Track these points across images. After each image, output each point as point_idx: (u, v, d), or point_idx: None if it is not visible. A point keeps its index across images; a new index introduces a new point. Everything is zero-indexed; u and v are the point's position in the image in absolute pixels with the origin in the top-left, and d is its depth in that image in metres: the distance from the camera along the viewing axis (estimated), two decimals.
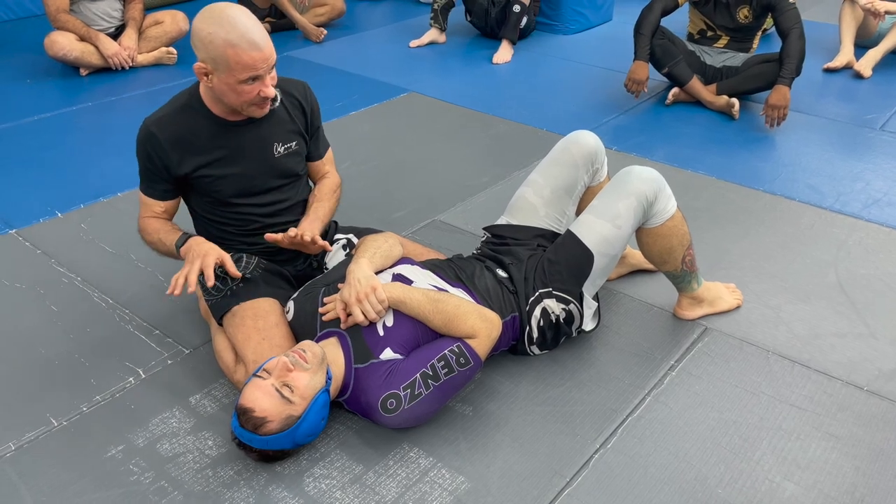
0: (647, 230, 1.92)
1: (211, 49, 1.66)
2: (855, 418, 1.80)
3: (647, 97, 3.77)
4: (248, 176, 1.90)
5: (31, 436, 1.74)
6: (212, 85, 1.73)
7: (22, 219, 2.64)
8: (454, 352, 1.67)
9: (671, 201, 1.91)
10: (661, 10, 3.42)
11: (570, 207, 2.07)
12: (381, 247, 1.88)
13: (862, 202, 2.78)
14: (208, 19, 1.66)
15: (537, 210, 2.04)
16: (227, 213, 1.95)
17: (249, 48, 1.66)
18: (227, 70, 1.68)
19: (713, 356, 1.99)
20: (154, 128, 1.82)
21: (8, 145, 3.22)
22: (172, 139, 1.82)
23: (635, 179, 1.86)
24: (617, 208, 1.85)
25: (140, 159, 1.89)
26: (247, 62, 1.66)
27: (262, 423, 1.54)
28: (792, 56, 3.22)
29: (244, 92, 1.72)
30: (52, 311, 2.17)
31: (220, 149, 1.86)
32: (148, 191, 1.93)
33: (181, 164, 1.85)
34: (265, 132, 1.90)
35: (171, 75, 4.05)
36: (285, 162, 1.95)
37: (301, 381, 1.56)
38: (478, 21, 4.65)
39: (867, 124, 3.48)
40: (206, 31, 1.65)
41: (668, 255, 1.95)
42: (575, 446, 1.71)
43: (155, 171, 1.87)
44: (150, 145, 1.83)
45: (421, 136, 3.37)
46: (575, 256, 1.87)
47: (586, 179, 2.06)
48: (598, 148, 2.05)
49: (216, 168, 1.87)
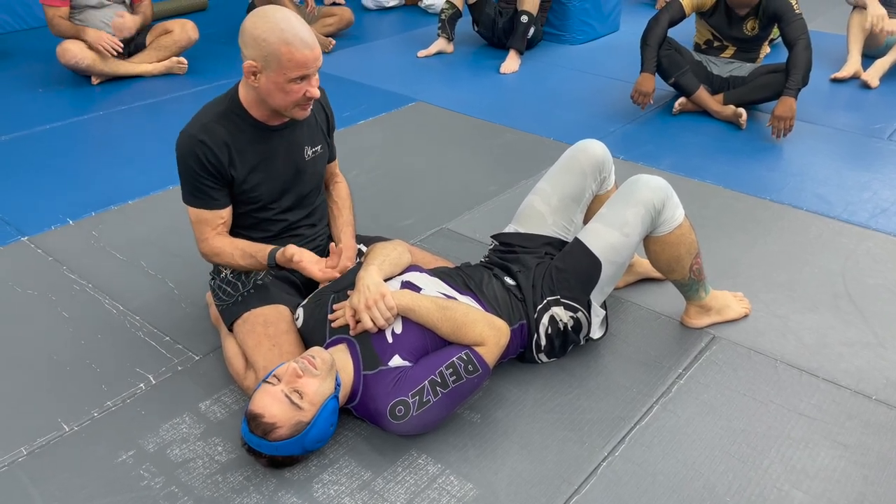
0: (655, 238, 1.92)
1: (264, 47, 1.68)
2: (863, 427, 1.79)
3: (653, 107, 3.78)
4: (282, 179, 1.92)
5: (42, 441, 1.75)
6: (258, 85, 1.74)
7: (34, 226, 2.67)
8: (462, 359, 1.68)
9: (679, 210, 1.92)
10: (668, 21, 3.43)
11: (577, 215, 2.08)
12: (390, 254, 1.89)
13: (870, 212, 2.77)
14: (261, 19, 1.69)
15: (545, 218, 2.05)
16: (253, 218, 1.94)
17: (302, 47, 1.68)
18: (277, 68, 1.69)
19: (721, 365, 1.99)
20: (201, 134, 1.80)
21: (20, 153, 3.26)
22: (221, 143, 1.81)
23: (643, 188, 1.87)
24: (625, 216, 1.86)
25: (188, 173, 1.82)
26: (299, 60, 1.69)
27: (271, 428, 1.55)
28: (798, 67, 3.23)
29: (292, 91, 1.73)
30: (64, 317, 2.19)
31: (260, 153, 1.87)
32: (207, 204, 1.86)
33: (233, 168, 1.83)
34: (297, 136, 1.93)
35: (181, 85, 4.09)
36: (313, 164, 1.98)
37: (310, 387, 1.57)
38: (485, 31, 4.68)
39: (875, 134, 3.48)
40: (260, 31, 1.67)
41: (676, 263, 1.95)
42: (583, 454, 1.71)
43: (210, 178, 1.82)
44: (202, 151, 1.79)
45: (429, 146, 3.38)
46: (583, 264, 1.87)
47: (594, 188, 2.07)
48: (606, 156, 2.06)
49: (258, 172, 1.88)
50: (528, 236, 2.05)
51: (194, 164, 1.81)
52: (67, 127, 3.54)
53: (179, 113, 3.70)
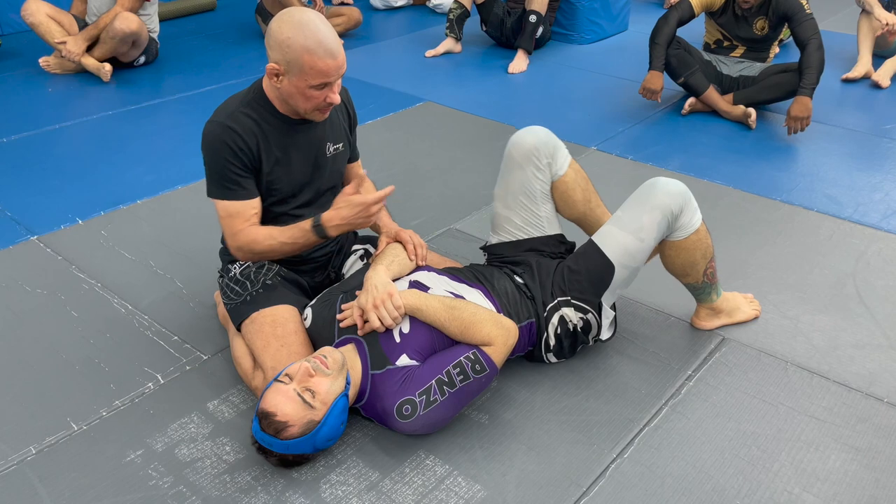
0: (671, 243, 1.90)
1: (287, 52, 1.68)
2: (875, 430, 1.78)
3: (663, 107, 3.77)
4: (303, 173, 1.92)
5: (51, 440, 1.76)
6: (280, 87, 1.75)
7: (43, 225, 2.68)
8: (470, 359, 1.68)
9: (696, 215, 1.88)
10: (677, 21, 3.42)
11: (540, 208, 2.00)
12: (398, 254, 1.89)
13: (881, 213, 2.76)
14: (288, 23, 1.68)
15: (511, 220, 2.01)
16: (270, 213, 1.94)
17: (325, 56, 1.68)
18: (299, 74, 1.69)
19: (731, 367, 1.98)
20: (230, 121, 1.79)
21: (29, 153, 3.27)
22: (249, 130, 1.80)
23: (661, 193, 1.83)
24: (641, 221, 1.83)
25: (217, 162, 1.80)
26: (321, 69, 1.69)
27: (283, 427, 1.55)
28: (812, 67, 3.21)
29: (312, 97, 1.74)
30: (73, 316, 2.19)
31: (285, 145, 1.87)
32: (237, 194, 1.83)
33: (261, 156, 1.83)
34: (320, 132, 1.93)
35: (190, 85, 4.09)
36: (334, 161, 1.99)
37: (322, 386, 1.58)
38: (493, 31, 4.67)
39: (886, 134, 3.45)
40: (285, 35, 1.67)
41: (691, 268, 1.94)
42: (591, 456, 1.71)
43: (241, 166, 1.81)
44: (231, 138, 1.78)
45: (437, 145, 3.38)
46: (596, 267, 1.86)
47: (540, 177, 1.97)
48: (538, 143, 1.95)
49: (281, 164, 1.88)
50: (512, 244, 2.02)
51: (224, 152, 1.79)
52: (77, 126, 3.56)
53: (189, 113, 3.71)
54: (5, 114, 3.68)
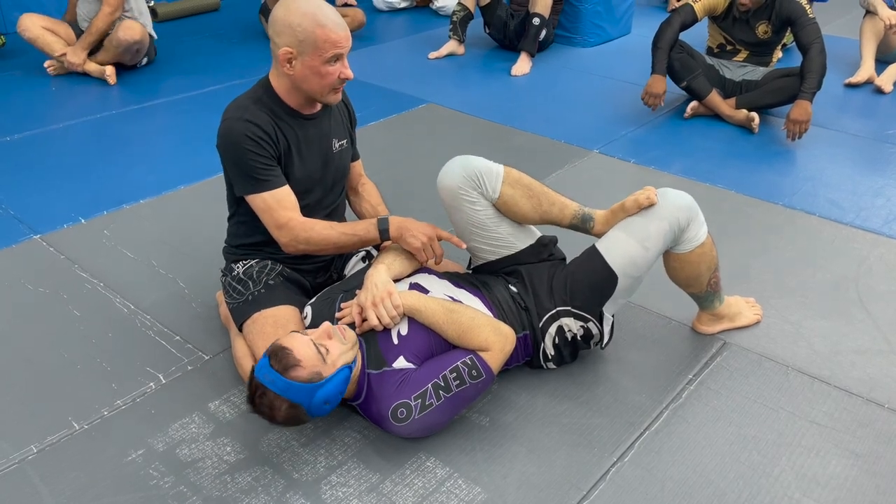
0: (675, 255, 1.88)
1: (299, 31, 1.71)
2: (876, 436, 1.78)
3: (665, 110, 3.77)
4: (313, 168, 1.93)
5: (52, 439, 1.76)
6: (293, 72, 1.77)
7: (46, 224, 2.68)
8: (467, 364, 1.68)
9: (703, 228, 1.86)
10: (680, 25, 3.42)
11: (499, 231, 1.92)
12: (400, 255, 1.90)
13: (883, 218, 2.75)
14: (293, 6, 1.73)
15: (479, 248, 1.96)
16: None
17: (336, 27, 1.74)
18: (313, 50, 1.73)
19: (732, 371, 1.98)
20: (246, 115, 1.80)
21: (33, 152, 3.28)
22: (267, 122, 1.81)
23: (670, 204, 1.81)
24: (647, 229, 1.81)
25: (243, 158, 1.79)
26: (335, 39, 1.73)
27: (294, 364, 1.55)
28: (814, 71, 3.21)
29: (328, 73, 1.76)
30: (75, 315, 2.20)
31: (296, 139, 1.88)
32: (273, 183, 1.81)
33: (280, 148, 1.84)
34: (326, 127, 1.95)
35: (194, 84, 4.09)
36: (340, 157, 2.00)
37: (335, 349, 1.62)
38: (496, 33, 4.68)
39: (888, 139, 3.45)
40: (293, 16, 1.72)
41: (696, 280, 1.93)
42: (592, 459, 1.71)
43: (267, 156, 1.80)
44: (251, 131, 1.78)
45: (439, 148, 3.38)
46: (599, 276, 1.84)
47: (479, 207, 1.88)
48: (458, 181, 1.86)
49: (293, 158, 1.88)
50: (493, 262, 1.97)
51: (248, 146, 1.78)
52: (80, 126, 3.56)
53: (192, 113, 3.72)
54: (9, 112, 3.68)
